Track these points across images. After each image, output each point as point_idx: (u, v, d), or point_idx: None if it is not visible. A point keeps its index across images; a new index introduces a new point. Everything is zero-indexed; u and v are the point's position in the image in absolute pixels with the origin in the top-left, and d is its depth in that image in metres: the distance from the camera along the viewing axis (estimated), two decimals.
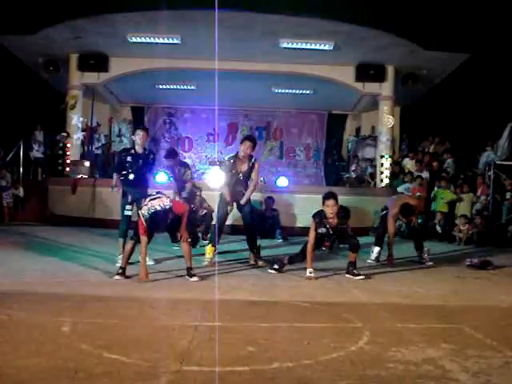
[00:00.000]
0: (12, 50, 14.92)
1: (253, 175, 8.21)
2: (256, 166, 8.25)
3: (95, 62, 15.08)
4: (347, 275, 7.23)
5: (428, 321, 4.89)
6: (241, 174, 8.14)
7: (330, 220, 7.13)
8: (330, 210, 7.08)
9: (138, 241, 6.53)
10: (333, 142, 20.17)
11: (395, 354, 3.76)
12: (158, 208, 6.43)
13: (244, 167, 8.18)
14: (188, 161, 20.02)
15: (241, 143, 8.30)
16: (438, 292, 6.43)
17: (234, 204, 8.23)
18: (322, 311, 5.19)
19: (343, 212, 7.32)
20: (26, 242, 10.04)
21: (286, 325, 4.57)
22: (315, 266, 7.19)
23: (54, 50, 14.63)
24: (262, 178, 16.01)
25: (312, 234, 7.15)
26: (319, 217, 7.15)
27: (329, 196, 7.13)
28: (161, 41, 13.72)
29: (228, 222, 9.20)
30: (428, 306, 5.61)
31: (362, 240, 7.76)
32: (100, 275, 6.79)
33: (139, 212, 6.47)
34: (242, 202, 8.15)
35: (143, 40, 13.73)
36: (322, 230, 7.20)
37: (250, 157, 8.21)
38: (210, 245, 7.99)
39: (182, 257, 6.84)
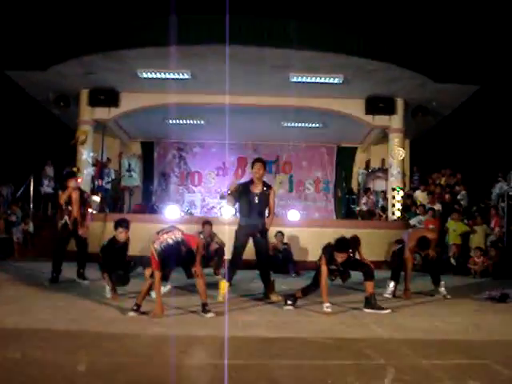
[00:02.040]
0: (23, 85, 15.02)
1: (270, 201, 8.10)
2: (271, 191, 8.16)
3: (106, 97, 15.15)
4: (368, 310, 7.08)
5: (452, 356, 4.75)
6: (256, 198, 7.99)
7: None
8: (340, 259, 7.00)
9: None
10: (342, 175, 20.11)
11: None
12: (170, 242, 6.34)
13: (258, 189, 8.05)
14: (197, 195, 20.13)
15: (252, 167, 8.22)
16: (459, 326, 6.29)
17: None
18: (342, 348, 5.05)
19: (352, 248, 7.22)
20: (36, 277, 9.92)
21: (307, 362, 4.45)
22: (330, 300, 7.04)
23: (65, 85, 14.72)
24: None
25: (324, 268, 7.01)
26: (329, 253, 7.03)
27: (342, 249, 6.99)
28: (171, 76, 13.77)
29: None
30: (450, 340, 5.47)
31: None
32: (113, 311, 6.66)
33: (151, 246, 6.37)
34: (267, 226, 8.07)
35: (154, 75, 13.79)
36: (332, 266, 7.09)
37: (264, 182, 8.16)
38: (224, 280, 7.85)
39: (195, 291, 6.73)
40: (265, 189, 8.10)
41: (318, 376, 4.03)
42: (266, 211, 8.24)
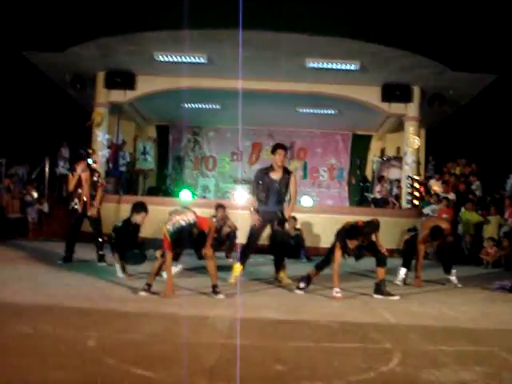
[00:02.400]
0: (40, 66, 15.11)
1: (291, 187, 8.03)
2: (293, 177, 8.08)
3: (122, 80, 15.18)
4: (377, 296, 7.11)
5: (459, 343, 4.76)
6: (276, 184, 7.92)
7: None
8: (351, 246, 7.00)
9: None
10: (357, 163, 20.04)
11: (428, 377, 3.65)
12: (183, 223, 6.38)
13: (279, 176, 7.96)
14: (212, 179, 20.19)
15: (274, 153, 8.05)
16: (468, 314, 6.29)
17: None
18: (350, 331, 5.09)
19: (367, 233, 7.21)
20: (50, 257, 10.04)
21: (314, 344, 4.48)
22: (340, 285, 7.06)
23: (82, 67, 14.78)
24: None
25: (338, 253, 7.02)
26: (343, 240, 7.03)
27: (352, 237, 7.00)
28: (187, 60, 13.76)
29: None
30: (458, 328, 5.47)
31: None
32: (124, 291, 6.75)
33: (164, 227, 6.42)
34: (286, 215, 8.07)
35: (170, 59, 13.79)
36: (346, 250, 7.10)
37: (285, 168, 8.10)
38: (237, 263, 7.88)
39: (206, 273, 6.78)
40: (285, 175, 8.01)
41: (325, 358, 4.06)
42: (286, 197, 8.21)
